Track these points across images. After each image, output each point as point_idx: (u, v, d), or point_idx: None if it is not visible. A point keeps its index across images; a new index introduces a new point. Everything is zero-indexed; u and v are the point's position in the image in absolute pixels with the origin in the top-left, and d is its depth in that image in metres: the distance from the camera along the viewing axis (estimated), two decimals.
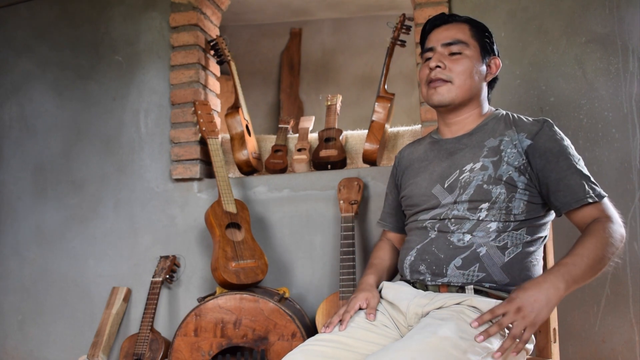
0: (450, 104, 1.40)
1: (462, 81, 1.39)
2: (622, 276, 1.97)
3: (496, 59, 1.46)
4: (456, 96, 1.39)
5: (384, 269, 1.53)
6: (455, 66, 1.39)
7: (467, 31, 1.42)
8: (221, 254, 1.99)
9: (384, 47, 2.36)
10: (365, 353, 1.25)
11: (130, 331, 2.39)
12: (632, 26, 2.04)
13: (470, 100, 1.42)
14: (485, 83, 1.46)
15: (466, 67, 1.39)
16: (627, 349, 1.96)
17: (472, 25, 1.44)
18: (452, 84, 1.39)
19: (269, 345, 1.89)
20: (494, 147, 1.36)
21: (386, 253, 1.58)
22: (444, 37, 1.42)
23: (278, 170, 2.39)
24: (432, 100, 1.42)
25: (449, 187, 1.37)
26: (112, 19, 2.60)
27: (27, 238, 2.60)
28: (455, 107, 1.42)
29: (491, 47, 1.46)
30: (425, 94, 1.44)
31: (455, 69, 1.39)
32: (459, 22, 1.44)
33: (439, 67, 1.39)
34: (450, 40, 1.40)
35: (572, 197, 1.28)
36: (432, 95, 1.41)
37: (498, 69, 1.47)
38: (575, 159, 1.32)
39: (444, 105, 1.41)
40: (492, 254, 1.30)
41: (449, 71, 1.39)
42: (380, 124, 2.24)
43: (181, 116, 2.43)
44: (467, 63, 1.39)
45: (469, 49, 1.40)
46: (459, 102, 1.40)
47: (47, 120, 2.64)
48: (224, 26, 3.40)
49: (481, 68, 1.42)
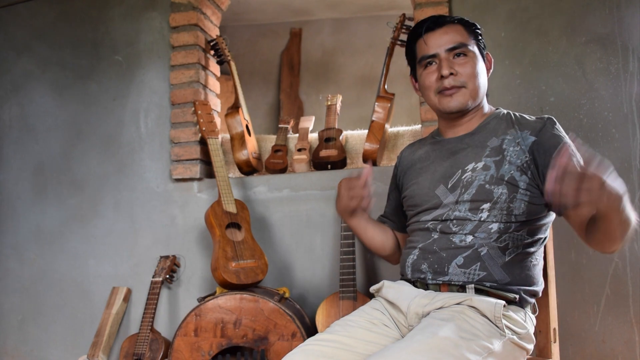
0: (467, 108, 1.40)
1: (474, 84, 1.38)
2: (622, 276, 1.97)
3: (488, 54, 1.47)
4: (472, 99, 1.39)
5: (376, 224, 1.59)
6: (463, 70, 1.38)
7: (464, 31, 1.41)
8: (221, 254, 1.99)
9: (384, 47, 2.36)
10: (366, 353, 1.25)
11: (130, 331, 2.39)
12: (632, 26, 2.04)
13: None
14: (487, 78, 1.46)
15: (473, 68, 1.38)
16: (627, 349, 1.96)
17: (464, 24, 1.43)
18: (466, 89, 1.38)
19: (269, 345, 1.89)
20: (497, 146, 1.36)
21: (387, 230, 1.62)
22: (445, 41, 1.40)
23: (278, 170, 2.39)
24: (450, 108, 1.39)
25: (452, 187, 1.37)
26: (112, 19, 2.60)
27: (27, 238, 2.60)
28: (469, 109, 1.41)
29: (483, 43, 1.46)
30: (438, 102, 1.41)
31: (464, 73, 1.38)
32: (453, 24, 1.42)
33: (452, 74, 1.38)
34: (453, 45, 1.39)
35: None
36: (449, 103, 1.39)
37: (492, 63, 1.47)
38: (577, 157, 1.31)
39: (462, 110, 1.40)
40: (493, 253, 1.30)
41: (460, 76, 1.38)
42: (380, 124, 2.24)
43: (181, 116, 2.43)
44: (473, 64, 1.39)
45: (471, 49, 1.40)
46: (473, 104, 1.40)
47: (47, 120, 2.64)
48: (224, 26, 3.41)
49: (483, 66, 1.43)
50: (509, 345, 1.22)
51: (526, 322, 1.28)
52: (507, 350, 1.21)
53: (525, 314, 1.30)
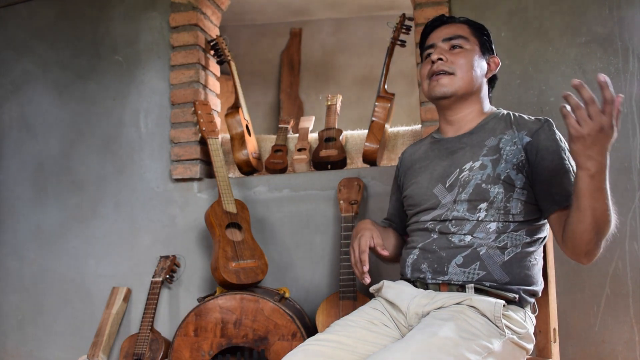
0: (453, 95, 1.41)
1: (464, 73, 1.40)
2: (622, 276, 1.97)
3: (495, 58, 1.48)
4: (459, 87, 1.40)
5: (382, 228, 1.56)
6: (457, 59, 1.40)
7: (467, 29, 1.45)
8: (221, 254, 1.99)
9: (384, 47, 2.36)
10: (366, 353, 1.25)
11: (130, 331, 2.39)
12: (632, 26, 2.04)
13: (471, 95, 1.43)
14: (486, 80, 1.47)
15: (468, 59, 1.41)
16: (627, 349, 1.96)
17: (470, 25, 1.47)
18: (454, 76, 1.40)
19: (269, 345, 1.89)
20: (494, 146, 1.36)
21: (394, 234, 1.61)
22: (444, 33, 1.44)
23: (278, 170, 2.39)
24: (435, 92, 1.42)
25: (450, 186, 1.38)
26: (112, 19, 2.60)
27: (27, 238, 2.60)
28: (457, 100, 1.42)
29: (490, 46, 1.48)
30: (427, 88, 1.45)
31: (457, 62, 1.40)
32: (459, 23, 1.47)
33: (441, 60, 1.40)
34: (451, 35, 1.43)
35: (560, 197, 1.28)
36: (435, 87, 1.42)
37: (497, 67, 1.48)
38: (569, 161, 1.32)
39: (447, 96, 1.41)
40: (492, 253, 1.30)
41: (451, 63, 1.40)
42: (380, 124, 2.24)
43: (181, 116, 2.43)
44: (469, 56, 1.41)
45: (469, 44, 1.43)
46: (462, 93, 1.41)
47: (47, 120, 2.64)
48: (224, 26, 3.41)
49: (482, 63, 1.44)
50: (508, 345, 1.22)
51: (526, 322, 1.28)
52: (506, 350, 1.21)
53: (525, 313, 1.30)
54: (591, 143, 1.06)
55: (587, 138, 1.06)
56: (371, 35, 4.43)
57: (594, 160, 1.09)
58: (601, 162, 1.09)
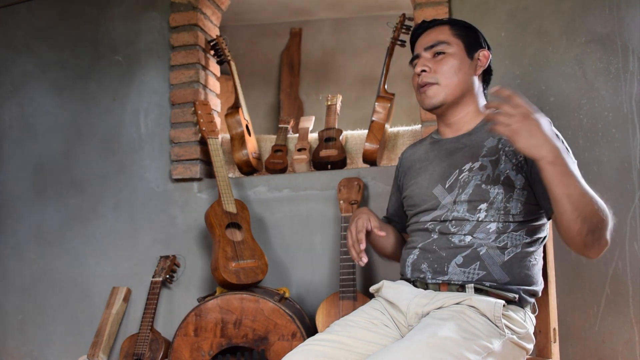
0: (441, 104, 1.42)
1: (448, 80, 1.40)
2: (622, 276, 1.97)
3: (484, 51, 1.46)
4: (446, 95, 1.41)
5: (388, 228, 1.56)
6: (439, 66, 1.41)
7: (447, 31, 1.45)
8: (221, 254, 1.99)
9: (384, 47, 2.36)
10: (365, 353, 1.25)
11: (130, 331, 2.39)
12: (632, 26, 2.04)
13: (462, 97, 1.43)
14: (477, 77, 1.46)
15: (450, 65, 1.40)
16: (627, 349, 1.96)
17: (452, 24, 1.47)
18: (439, 85, 1.41)
19: (269, 345, 1.89)
20: (493, 146, 1.36)
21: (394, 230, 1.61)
22: (426, 41, 1.45)
23: (278, 170, 2.39)
24: (424, 105, 1.44)
25: (449, 187, 1.38)
26: (112, 19, 2.60)
27: (27, 238, 2.60)
28: (449, 106, 1.43)
29: (477, 40, 1.46)
30: (418, 99, 1.47)
31: (440, 70, 1.41)
32: (439, 25, 1.47)
33: (424, 71, 1.42)
34: (432, 43, 1.43)
35: None
36: (424, 100, 1.44)
37: (488, 60, 1.46)
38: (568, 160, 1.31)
39: (437, 106, 1.43)
40: (492, 253, 1.30)
41: (434, 73, 1.41)
42: (380, 124, 2.24)
43: (181, 116, 2.43)
44: (451, 61, 1.41)
45: (451, 47, 1.42)
46: (451, 100, 1.41)
47: (47, 120, 2.64)
48: (224, 26, 3.40)
49: (468, 63, 1.43)
50: (508, 345, 1.22)
51: (526, 322, 1.28)
52: (506, 349, 1.21)
53: (524, 313, 1.30)
54: (528, 134, 1.11)
55: (521, 130, 1.11)
56: (371, 35, 4.43)
57: (544, 147, 1.11)
58: (552, 146, 1.12)
